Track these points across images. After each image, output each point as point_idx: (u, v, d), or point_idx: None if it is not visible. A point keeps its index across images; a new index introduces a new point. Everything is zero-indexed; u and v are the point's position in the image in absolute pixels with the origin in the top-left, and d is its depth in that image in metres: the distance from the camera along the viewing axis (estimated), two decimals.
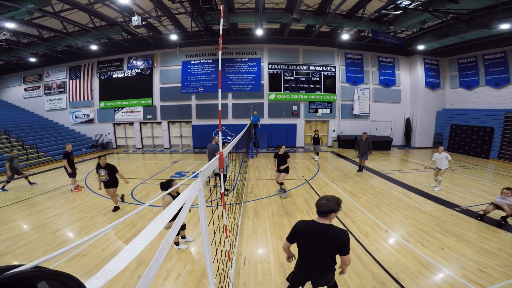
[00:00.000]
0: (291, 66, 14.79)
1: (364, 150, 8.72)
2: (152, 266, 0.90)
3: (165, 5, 10.11)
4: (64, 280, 0.49)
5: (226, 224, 2.86)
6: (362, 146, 8.74)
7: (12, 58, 15.00)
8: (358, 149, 8.94)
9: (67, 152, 7.35)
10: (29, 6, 7.96)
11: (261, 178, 8.60)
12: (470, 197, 6.50)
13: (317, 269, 2.28)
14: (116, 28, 11.64)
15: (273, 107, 14.96)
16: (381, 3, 9.61)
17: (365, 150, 8.71)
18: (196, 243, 4.34)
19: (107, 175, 5.51)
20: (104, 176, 5.50)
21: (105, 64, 15.71)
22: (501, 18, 9.14)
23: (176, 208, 1.23)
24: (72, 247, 0.70)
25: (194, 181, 1.64)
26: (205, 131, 15.05)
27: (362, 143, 8.74)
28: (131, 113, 15.71)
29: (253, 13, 11.05)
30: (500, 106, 12.47)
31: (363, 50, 14.94)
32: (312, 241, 2.22)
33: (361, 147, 8.77)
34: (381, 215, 5.44)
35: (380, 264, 3.67)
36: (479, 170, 9.78)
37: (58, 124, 16.55)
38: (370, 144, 8.68)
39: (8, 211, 5.96)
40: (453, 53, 14.37)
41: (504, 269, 3.49)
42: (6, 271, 0.42)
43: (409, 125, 15.39)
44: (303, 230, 2.27)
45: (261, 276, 3.46)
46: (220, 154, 2.36)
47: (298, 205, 6.02)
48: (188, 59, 14.92)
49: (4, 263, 3.86)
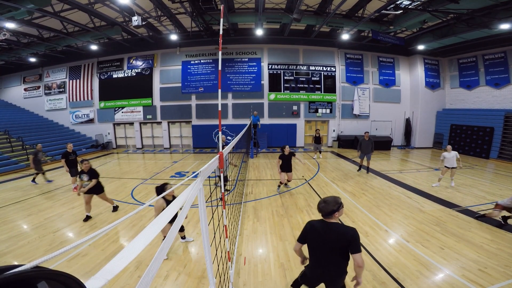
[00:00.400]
0: (291, 66, 14.79)
1: (367, 149, 8.55)
2: (152, 266, 0.90)
3: (165, 5, 10.11)
4: (64, 280, 0.49)
5: (226, 224, 2.87)
6: (365, 145, 8.56)
7: (12, 58, 15.00)
8: (360, 148, 8.74)
9: (66, 152, 7.30)
10: (29, 6, 7.96)
11: (261, 178, 8.59)
12: (470, 197, 6.50)
13: (328, 270, 2.26)
14: (116, 28, 11.64)
15: (273, 107, 14.96)
16: (381, 3, 9.61)
17: (368, 149, 8.54)
18: (196, 243, 4.34)
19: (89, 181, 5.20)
20: (87, 182, 5.19)
21: (105, 64, 15.71)
22: (501, 18, 9.14)
23: (175, 210, 1.23)
24: (72, 247, 0.70)
25: (194, 181, 1.64)
26: (205, 131, 15.06)
27: (364, 143, 8.57)
28: (131, 113, 15.71)
29: (253, 13, 11.05)
30: (500, 106, 12.47)
31: (363, 50, 14.94)
32: (320, 240, 2.21)
33: (364, 146, 8.58)
34: (381, 215, 5.44)
35: (380, 264, 3.67)
36: (479, 170, 9.78)
37: (58, 124, 16.55)
38: (372, 143, 8.54)
39: (8, 211, 5.96)
40: (453, 53, 14.37)
41: (504, 269, 3.49)
42: (6, 271, 0.42)
43: (409, 125, 15.39)
44: (312, 229, 2.28)
45: (261, 276, 3.46)
46: (220, 154, 2.36)
47: (298, 205, 6.02)
48: (188, 59, 14.92)
49: (4, 263, 3.86)
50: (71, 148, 7.44)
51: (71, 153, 7.33)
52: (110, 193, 7.04)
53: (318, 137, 11.33)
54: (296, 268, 3.61)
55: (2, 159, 10.50)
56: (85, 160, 5.30)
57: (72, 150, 7.43)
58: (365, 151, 8.61)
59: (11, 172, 10.09)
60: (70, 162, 7.25)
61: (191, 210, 5.42)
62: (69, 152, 7.29)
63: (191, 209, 5.33)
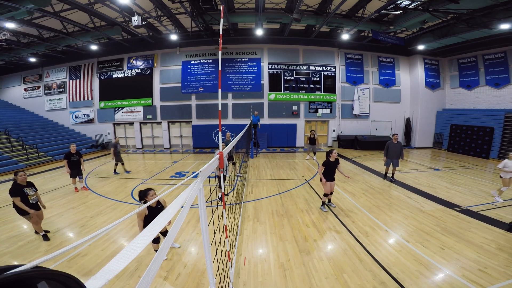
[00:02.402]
0: (291, 66, 14.79)
1: (395, 154, 7.21)
2: (152, 266, 0.90)
3: (165, 5, 10.12)
4: (64, 280, 0.49)
5: (226, 224, 2.87)
6: (393, 149, 7.25)
7: (12, 58, 15.00)
8: (387, 153, 7.32)
9: (69, 152, 7.17)
10: (29, 6, 7.96)
11: (261, 178, 8.59)
12: (470, 197, 6.51)
13: None
14: (116, 28, 11.64)
15: (273, 107, 14.96)
16: (381, 3, 9.61)
17: (396, 154, 7.19)
18: (196, 243, 4.34)
19: (35, 193, 4.51)
20: (33, 195, 4.44)
21: (105, 64, 15.71)
22: (501, 18, 9.13)
23: (175, 210, 1.23)
24: (72, 247, 0.70)
25: (194, 181, 1.64)
26: (205, 131, 15.06)
27: (392, 146, 7.27)
28: (131, 113, 15.71)
29: (253, 13, 11.05)
30: (500, 106, 12.47)
31: (363, 50, 14.94)
32: None
33: (391, 151, 7.27)
34: (381, 215, 5.44)
35: (380, 264, 3.67)
36: (479, 170, 9.78)
37: (58, 124, 16.55)
38: (402, 147, 7.27)
39: (8, 211, 5.95)
40: (453, 53, 14.37)
41: (504, 269, 3.49)
42: (6, 271, 0.42)
43: (409, 125, 15.40)
44: None
45: (261, 276, 3.46)
46: (220, 154, 2.36)
47: (298, 205, 6.02)
48: (188, 59, 14.92)
49: (4, 263, 3.86)
50: (75, 149, 7.30)
51: (74, 154, 7.22)
52: (110, 193, 7.07)
53: (313, 138, 11.02)
54: (296, 268, 3.61)
55: (2, 159, 10.50)
56: (21, 172, 4.41)
57: (76, 151, 7.32)
58: (393, 156, 7.32)
59: (11, 172, 10.08)
60: (72, 163, 7.14)
61: (191, 210, 5.42)
62: (72, 153, 7.19)
63: (191, 209, 5.34)
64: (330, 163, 5.45)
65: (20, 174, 4.39)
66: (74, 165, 7.19)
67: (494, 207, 5.83)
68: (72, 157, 7.17)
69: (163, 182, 8.29)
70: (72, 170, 7.15)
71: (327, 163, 5.46)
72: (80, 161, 7.31)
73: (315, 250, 4.10)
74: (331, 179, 5.54)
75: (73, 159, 7.17)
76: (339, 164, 5.57)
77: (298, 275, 3.47)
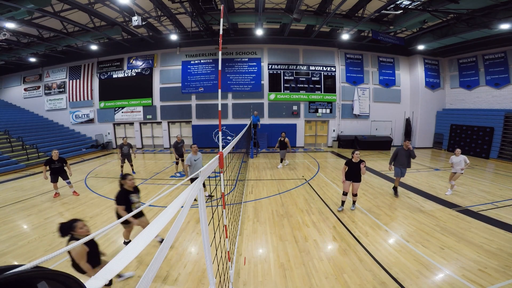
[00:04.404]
0: (291, 66, 14.79)
1: (404, 162, 6.32)
2: (152, 266, 0.90)
3: (165, 5, 10.11)
4: (64, 280, 0.49)
5: (226, 224, 2.87)
6: (402, 156, 6.31)
7: (12, 58, 14.99)
8: (393, 161, 6.46)
9: (50, 159, 6.51)
10: (29, 6, 7.96)
11: (261, 178, 8.59)
12: (470, 197, 6.50)
13: None
14: (116, 28, 11.64)
15: (273, 107, 14.96)
16: (381, 3, 9.61)
17: (405, 162, 6.32)
18: (196, 243, 4.34)
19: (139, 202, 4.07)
20: (137, 203, 3.93)
21: (105, 64, 15.71)
22: (501, 18, 9.13)
23: (175, 210, 1.23)
24: (72, 247, 0.70)
25: (194, 181, 1.64)
26: (205, 131, 15.05)
27: (401, 153, 6.32)
28: (131, 113, 15.71)
29: (253, 13, 11.05)
30: (500, 106, 12.47)
31: (363, 50, 14.94)
32: None
33: (400, 158, 6.35)
34: (381, 215, 5.44)
35: (380, 264, 3.67)
36: (479, 170, 9.78)
37: (58, 124, 16.54)
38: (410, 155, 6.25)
39: (8, 211, 5.96)
40: (453, 53, 14.36)
41: (504, 269, 3.49)
42: (6, 271, 0.42)
43: (409, 125, 15.39)
44: None
45: (261, 276, 3.46)
46: (220, 154, 2.36)
47: (298, 205, 6.02)
48: (188, 59, 14.91)
49: (4, 263, 3.86)
50: (57, 155, 6.54)
51: (55, 161, 6.53)
52: (110, 193, 7.06)
53: (283, 141, 9.70)
54: (296, 268, 3.61)
55: (2, 159, 10.50)
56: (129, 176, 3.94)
57: (58, 157, 6.59)
58: (402, 164, 6.35)
59: (11, 172, 10.09)
60: (53, 170, 6.56)
61: (191, 210, 5.42)
62: (53, 160, 6.50)
63: (191, 209, 5.33)
64: (352, 164, 5.44)
65: (129, 178, 3.66)
66: (56, 172, 6.63)
67: (494, 207, 5.83)
68: (52, 164, 6.52)
69: (163, 182, 8.29)
70: (54, 176, 6.63)
71: (349, 163, 5.50)
72: (64, 168, 6.72)
73: (315, 250, 4.10)
74: (352, 179, 5.49)
75: (53, 166, 6.53)
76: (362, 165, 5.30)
77: (298, 275, 3.47)
